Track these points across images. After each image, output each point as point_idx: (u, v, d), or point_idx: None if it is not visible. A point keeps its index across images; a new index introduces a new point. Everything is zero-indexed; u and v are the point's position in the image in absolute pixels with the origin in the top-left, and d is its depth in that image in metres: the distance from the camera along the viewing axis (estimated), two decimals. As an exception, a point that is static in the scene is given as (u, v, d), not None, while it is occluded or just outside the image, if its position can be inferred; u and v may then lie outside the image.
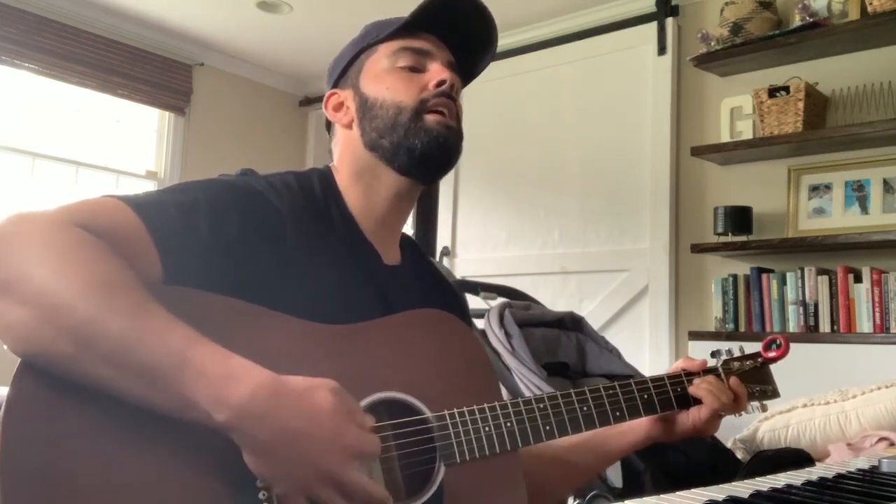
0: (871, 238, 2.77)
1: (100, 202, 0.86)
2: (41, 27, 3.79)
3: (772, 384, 1.21)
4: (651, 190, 3.47)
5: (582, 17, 3.77)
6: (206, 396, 0.73)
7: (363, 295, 1.00)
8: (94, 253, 0.77)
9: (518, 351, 1.97)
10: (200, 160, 4.39)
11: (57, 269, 0.74)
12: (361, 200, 1.06)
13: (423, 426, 0.90)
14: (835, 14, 2.96)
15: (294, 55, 4.46)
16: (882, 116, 2.88)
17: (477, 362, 1.00)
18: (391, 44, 1.07)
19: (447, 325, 1.00)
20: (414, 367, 0.94)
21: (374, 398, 0.88)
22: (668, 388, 1.11)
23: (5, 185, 3.74)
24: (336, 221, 1.02)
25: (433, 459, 0.89)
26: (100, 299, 0.74)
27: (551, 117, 3.83)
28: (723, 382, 1.14)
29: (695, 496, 0.70)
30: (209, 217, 0.88)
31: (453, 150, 1.05)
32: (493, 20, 1.10)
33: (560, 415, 0.99)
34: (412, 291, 1.08)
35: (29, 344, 0.74)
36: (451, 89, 1.04)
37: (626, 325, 3.48)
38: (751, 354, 1.21)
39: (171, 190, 0.92)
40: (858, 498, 0.72)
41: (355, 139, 1.07)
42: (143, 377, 0.73)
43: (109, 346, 0.73)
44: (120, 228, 0.83)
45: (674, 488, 0.73)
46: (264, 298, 0.88)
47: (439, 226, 4.20)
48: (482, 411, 0.93)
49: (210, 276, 0.86)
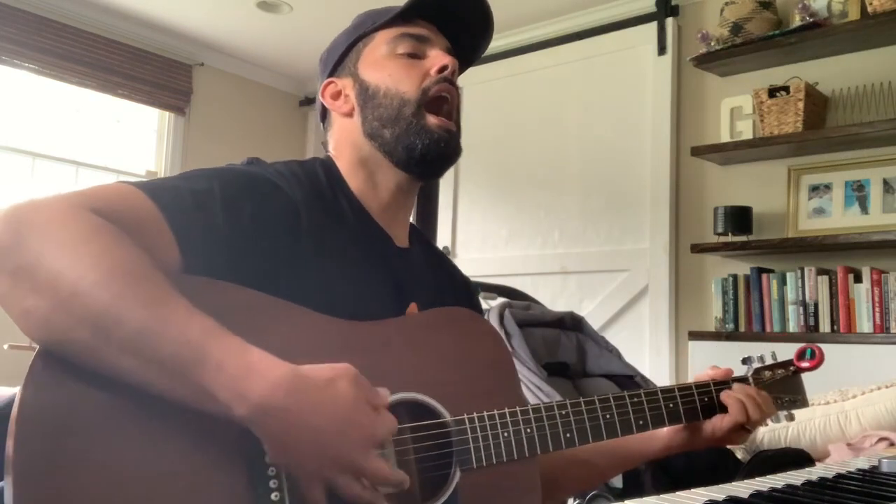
0: (871, 238, 2.77)
1: (115, 188, 0.84)
2: (41, 27, 3.79)
3: (802, 394, 1.16)
4: (651, 190, 3.47)
5: (582, 17, 3.77)
6: (226, 390, 0.73)
7: (377, 278, 1.00)
8: (112, 240, 0.76)
9: (518, 351, 1.97)
10: (200, 160, 4.39)
11: (75, 256, 0.73)
12: (365, 186, 1.05)
13: (441, 430, 0.89)
14: (835, 14, 2.96)
15: (294, 55, 4.46)
16: (882, 116, 2.88)
17: (500, 364, 0.98)
18: (389, 31, 1.06)
19: (471, 325, 0.99)
20: (436, 368, 0.93)
21: (394, 399, 0.87)
22: (696, 398, 1.08)
23: (5, 185, 3.74)
24: (344, 207, 1.02)
25: (450, 464, 0.89)
26: (119, 288, 0.73)
27: (551, 117, 3.83)
28: (752, 391, 1.10)
29: (695, 496, 0.70)
30: (224, 205, 0.87)
31: (452, 152, 1.05)
32: (489, 6, 1.10)
33: (582, 422, 0.97)
34: (424, 274, 1.07)
35: (46, 331, 0.73)
36: (452, 74, 1.04)
37: (626, 325, 3.48)
38: (783, 363, 1.16)
39: (184, 177, 0.91)
40: (858, 498, 0.72)
41: (355, 127, 1.06)
42: (163, 368, 0.73)
43: (128, 336, 0.72)
44: (137, 215, 0.82)
45: (674, 488, 0.73)
46: (281, 286, 0.88)
47: (439, 226, 4.19)
48: (502, 416, 0.92)
49: (227, 265, 0.85)
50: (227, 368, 0.73)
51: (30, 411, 0.71)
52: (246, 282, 0.85)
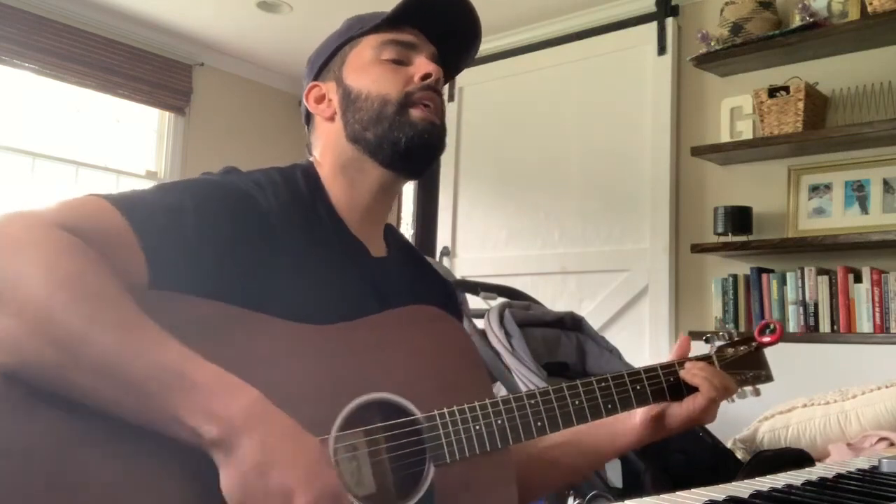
0: (871, 238, 2.77)
1: (86, 202, 0.84)
2: (41, 27, 3.79)
3: (766, 368, 1.17)
4: (651, 190, 3.47)
5: (582, 17, 3.77)
6: (198, 409, 0.72)
7: (357, 290, 0.99)
8: (82, 260, 0.75)
9: (518, 351, 1.97)
10: (200, 160, 4.39)
11: (46, 277, 0.72)
12: (346, 194, 1.05)
13: (412, 427, 0.89)
14: (835, 14, 2.96)
15: (294, 55, 4.46)
16: (882, 116, 2.88)
17: (467, 359, 0.99)
18: (376, 36, 1.06)
19: (437, 322, 1.00)
20: (405, 367, 0.93)
21: (364, 399, 0.88)
22: (661, 378, 1.08)
23: (5, 185, 3.74)
24: (322, 217, 1.02)
25: (423, 461, 0.89)
26: (90, 310, 0.72)
27: (551, 117, 3.83)
28: (715, 368, 1.11)
29: (695, 496, 0.70)
30: (196, 218, 0.87)
31: (437, 145, 1.05)
32: (477, 15, 1.10)
33: (552, 410, 0.98)
34: (402, 282, 1.07)
35: (13, 354, 0.72)
36: (436, 83, 1.04)
37: (626, 325, 3.48)
38: (744, 339, 1.17)
39: (156, 190, 0.91)
40: (858, 498, 0.72)
41: (338, 132, 1.06)
42: (132, 390, 0.72)
43: (100, 359, 0.72)
44: (106, 230, 0.81)
45: (674, 488, 0.73)
46: (255, 299, 0.87)
47: (439, 226, 4.19)
48: (472, 409, 0.92)
49: (197, 279, 0.85)
50: (201, 388, 0.73)
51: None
52: (218, 294, 0.85)
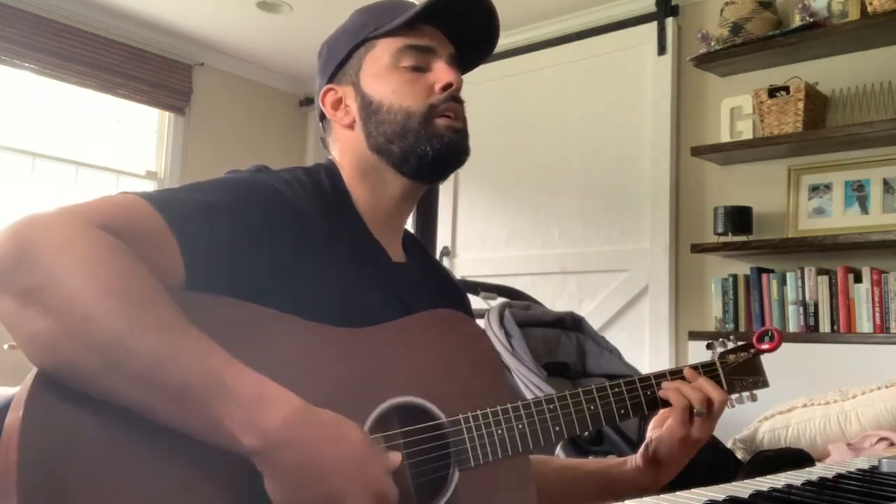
0: (871, 238, 2.77)
1: (121, 200, 0.83)
2: (41, 27, 3.79)
3: (762, 374, 1.19)
4: (651, 190, 3.47)
5: (582, 17, 3.77)
6: (237, 419, 0.72)
7: (381, 293, 0.99)
8: (124, 263, 0.75)
9: (518, 351, 1.97)
10: (200, 160, 4.39)
11: (87, 279, 0.72)
12: (368, 199, 1.04)
13: (437, 431, 0.89)
14: (835, 14, 2.96)
15: (294, 55, 4.46)
16: (882, 116, 2.88)
17: (489, 363, 1.00)
18: (393, 40, 1.03)
19: (461, 326, 1.00)
20: (429, 370, 0.93)
21: (390, 403, 0.88)
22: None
23: (5, 185, 3.74)
24: (346, 219, 1.01)
25: (448, 465, 0.89)
26: (133, 314, 0.72)
27: (551, 117, 3.83)
28: (698, 379, 1.09)
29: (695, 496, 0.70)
30: (231, 217, 0.87)
31: (463, 152, 1.04)
32: (496, 12, 1.08)
33: (569, 415, 0.99)
34: (420, 288, 1.07)
35: (53, 356, 0.71)
36: (457, 92, 1.03)
37: (626, 325, 3.48)
38: (744, 346, 1.18)
39: (189, 189, 0.90)
40: (858, 498, 0.72)
41: (359, 140, 1.04)
42: (173, 396, 0.72)
43: (141, 364, 0.71)
44: (145, 230, 0.80)
45: (674, 488, 0.73)
46: (285, 298, 0.87)
47: (439, 226, 4.17)
48: (495, 414, 0.93)
49: (232, 277, 0.85)
50: (240, 398, 0.73)
51: (30, 438, 0.69)
52: (248, 292, 0.85)
